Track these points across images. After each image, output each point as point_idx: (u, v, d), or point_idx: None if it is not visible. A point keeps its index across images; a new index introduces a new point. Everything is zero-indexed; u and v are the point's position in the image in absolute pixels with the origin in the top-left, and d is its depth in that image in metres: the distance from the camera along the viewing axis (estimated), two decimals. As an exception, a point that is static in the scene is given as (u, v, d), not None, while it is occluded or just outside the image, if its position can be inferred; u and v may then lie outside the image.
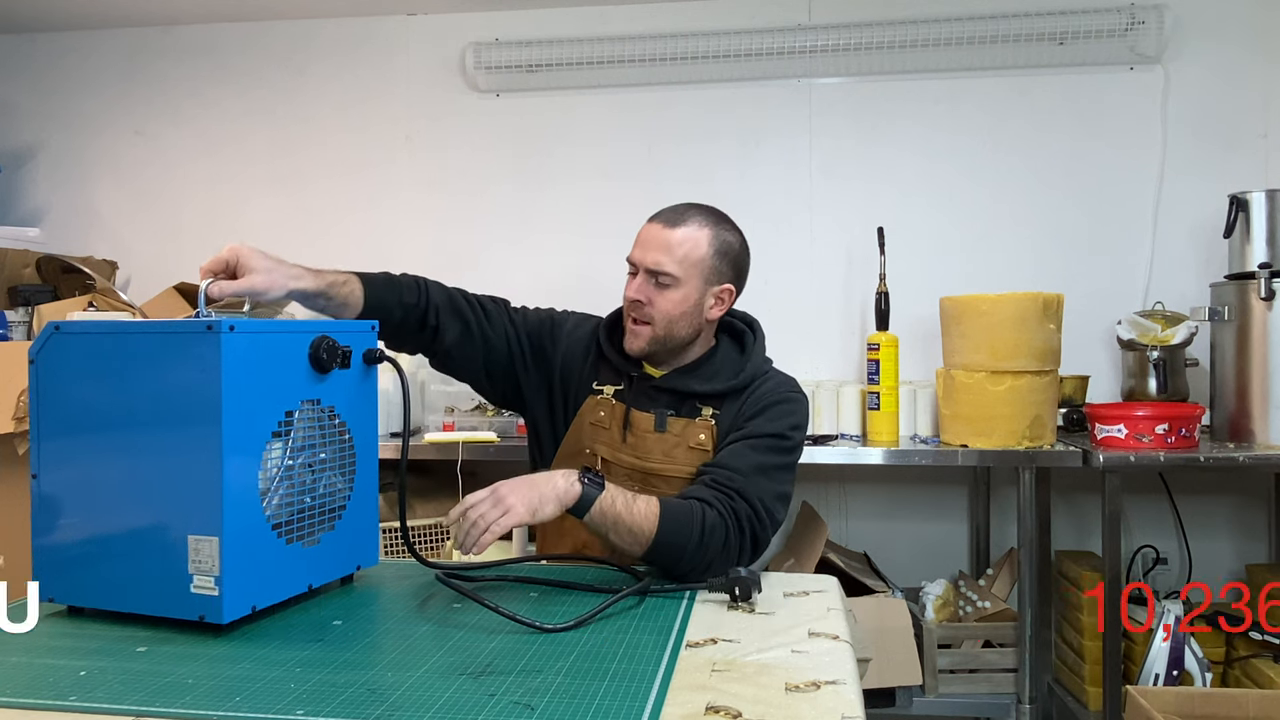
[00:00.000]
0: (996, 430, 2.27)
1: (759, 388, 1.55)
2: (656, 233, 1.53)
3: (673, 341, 1.56)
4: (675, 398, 1.57)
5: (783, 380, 1.59)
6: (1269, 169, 2.68)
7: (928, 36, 2.72)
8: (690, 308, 1.53)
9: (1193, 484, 2.70)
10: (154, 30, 3.16)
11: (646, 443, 1.54)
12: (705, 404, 1.55)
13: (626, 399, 1.58)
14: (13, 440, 2.33)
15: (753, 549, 1.42)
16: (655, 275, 1.52)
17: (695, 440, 1.53)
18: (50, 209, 3.22)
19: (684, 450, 1.53)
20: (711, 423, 1.54)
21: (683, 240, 1.52)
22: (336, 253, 3.06)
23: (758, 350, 1.62)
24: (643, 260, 1.53)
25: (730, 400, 1.55)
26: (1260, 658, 2.25)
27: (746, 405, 1.53)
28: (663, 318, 1.53)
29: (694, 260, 1.52)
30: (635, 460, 1.54)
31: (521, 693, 0.94)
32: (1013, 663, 2.38)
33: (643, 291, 1.53)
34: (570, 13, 2.94)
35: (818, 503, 2.77)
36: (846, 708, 0.94)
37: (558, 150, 2.98)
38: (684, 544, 1.33)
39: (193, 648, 1.07)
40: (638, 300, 1.54)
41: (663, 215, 1.56)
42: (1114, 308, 2.67)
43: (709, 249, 1.53)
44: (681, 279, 1.52)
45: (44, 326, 1.18)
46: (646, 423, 1.55)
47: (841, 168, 2.87)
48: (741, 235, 1.61)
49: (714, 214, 1.58)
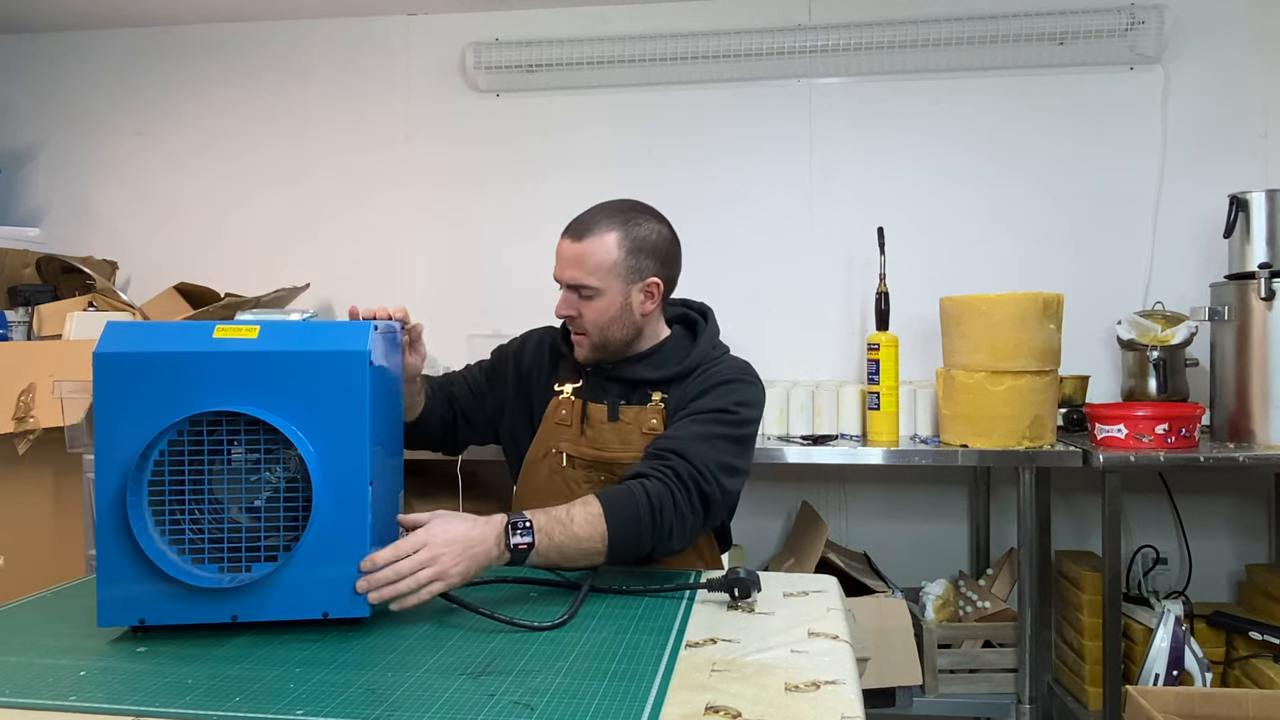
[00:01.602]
0: (996, 430, 2.27)
1: (707, 370, 1.57)
2: (567, 247, 1.55)
3: (611, 345, 1.58)
4: (627, 386, 1.60)
5: (735, 364, 1.60)
6: (1269, 169, 2.68)
7: (928, 36, 2.72)
8: (617, 311, 1.55)
9: (1193, 484, 2.70)
10: (155, 30, 3.16)
11: (603, 434, 1.58)
12: (655, 389, 1.58)
13: (585, 394, 1.62)
14: (13, 440, 2.33)
15: (704, 507, 1.40)
16: (576, 289, 1.54)
17: (648, 425, 1.56)
18: (50, 209, 3.22)
19: (638, 436, 1.55)
20: (661, 406, 1.56)
21: (591, 250, 1.52)
22: (337, 253, 3.08)
23: (707, 336, 1.64)
24: (561, 277, 1.56)
25: (677, 384, 1.58)
26: (1260, 658, 2.25)
27: (692, 386, 1.55)
28: (594, 326, 1.56)
29: (607, 266, 1.53)
30: (594, 452, 1.58)
31: (521, 693, 0.94)
32: (1013, 663, 2.38)
33: (569, 306, 1.56)
34: (570, 13, 2.94)
35: (818, 503, 2.77)
36: (846, 708, 0.94)
37: (558, 150, 2.98)
38: (638, 529, 1.33)
39: (193, 648, 1.07)
40: (568, 315, 1.58)
41: (570, 228, 1.56)
42: (1114, 308, 2.66)
43: (620, 251, 1.53)
44: (600, 287, 1.53)
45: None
46: (601, 413, 1.59)
47: (841, 168, 2.87)
48: (660, 223, 1.59)
49: (622, 212, 1.57)
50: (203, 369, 1.09)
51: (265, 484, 1.13)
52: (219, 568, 1.10)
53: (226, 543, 1.10)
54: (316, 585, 1.12)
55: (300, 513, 1.11)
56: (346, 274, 3.06)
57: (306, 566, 1.11)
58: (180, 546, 1.08)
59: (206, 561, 1.09)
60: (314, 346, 1.13)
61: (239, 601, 1.11)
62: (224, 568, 1.10)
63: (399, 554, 1.15)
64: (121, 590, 1.08)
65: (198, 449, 1.09)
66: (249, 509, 1.12)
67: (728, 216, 2.88)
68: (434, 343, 2.97)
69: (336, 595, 1.13)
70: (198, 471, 1.09)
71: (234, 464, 1.11)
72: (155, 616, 1.09)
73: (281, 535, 1.12)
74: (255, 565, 1.10)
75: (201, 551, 1.09)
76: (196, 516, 1.10)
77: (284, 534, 1.12)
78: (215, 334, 1.11)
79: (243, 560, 1.10)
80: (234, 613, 1.11)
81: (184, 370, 1.08)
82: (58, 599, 1.28)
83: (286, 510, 1.11)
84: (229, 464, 1.11)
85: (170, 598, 1.09)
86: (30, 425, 2.32)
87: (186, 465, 1.09)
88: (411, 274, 3.05)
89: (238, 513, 1.12)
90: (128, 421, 1.07)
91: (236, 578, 1.09)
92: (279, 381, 1.10)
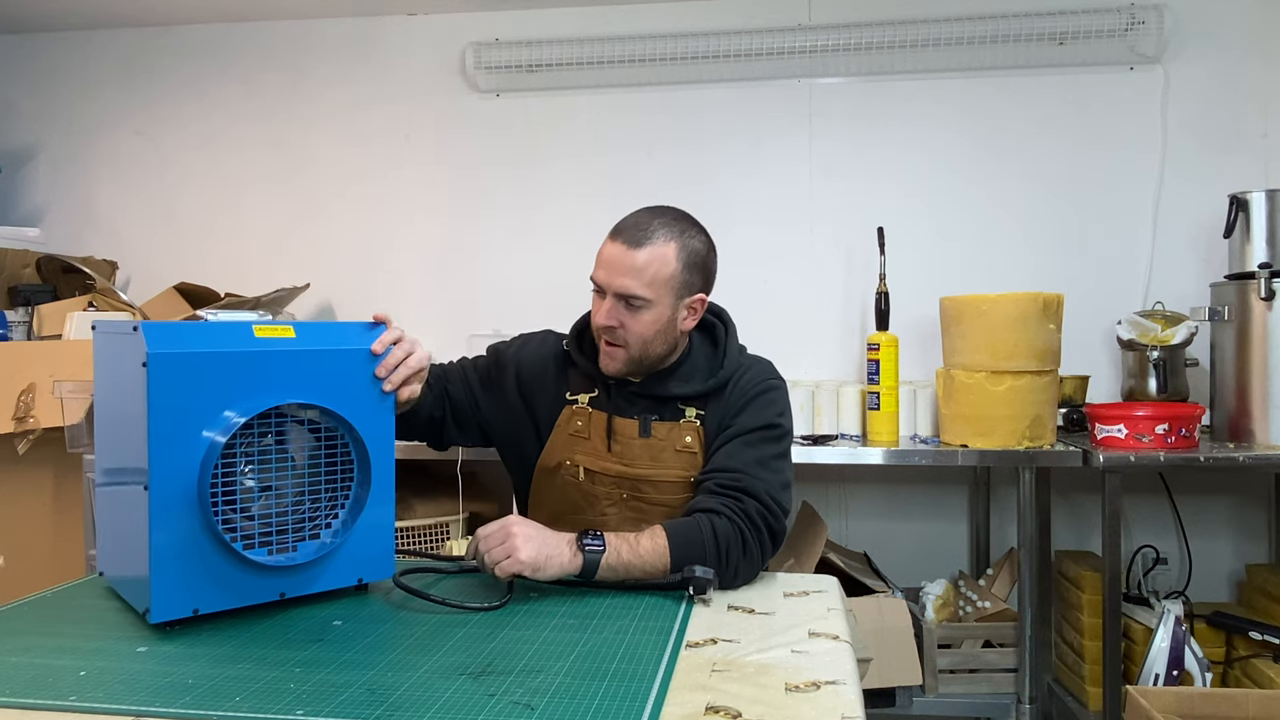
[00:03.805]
0: (996, 430, 2.27)
1: (739, 381, 1.54)
2: (621, 254, 1.45)
3: (650, 359, 1.51)
4: (656, 402, 1.54)
5: (760, 368, 1.57)
6: (1269, 169, 2.68)
7: (927, 36, 2.72)
8: (664, 325, 1.48)
9: (1193, 484, 2.70)
10: (154, 30, 3.16)
11: (633, 449, 1.52)
12: (687, 405, 1.54)
13: (606, 407, 1.55)
14: (13, 440, 2.33)
15: (773, 543, 1.41)
16: (625, 299, 1.46)
17: (682, 443, 1.52)
18: (50, 209, 3.22)
19: (671, 454, 1.52)
20: (696, 424, 1.52)
21: (650, 260, 1.44)
22: (337, 253, 3.08)
23: (731, 343, 1.59)
24: (609, 284, 1.46)
25: (713, 399, 1.53)
26: (1260, 658, 2.25)
27: (730, 401, 1.52)
28: (637, 340, 1.48)
29: (664, 279, 1.45)
30: (622, 468, 1.52)
31: (521, 693, 0.94)
32: (1013, 663, 2.38)
33: (614, 316, 1.47)
34: (570, 13, 2.94)
35: (818, 503, 2.77)
36: (846, 708, 0.94)
37: (558, 150, 2.98)
38: (703, 562, 1.32)
39: (193, 648, 1.07)
40: (610, 325, 1.48)
41: (625, 233, 1.47)
42: (1114, 308, 2.67)
43: (678, 264, 1.46)
44: (653, 300, 1.45)
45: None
46: (631, 429, 1.53)
47: (841, 168, 2.87)
48: (706, 235, 1.54)
49: (677, 222, 1.50)
50: (250, 366, 1.15)
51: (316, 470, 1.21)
52: (268, 550, 1.17)
53: (275, 527, 1.17)
54: (352, 556, 1.25)
55: (340, 491, 1.23)
56: (346, 274, 3.06)
57: (345, 540, 1.23)
58: (233, 534, 1.13)
59: (257, 546, 1.16)
60: (348, 345, 1.24)
61: (286, 580, 1.20)
62: (272, 550, 1.17)
63: (487, 534, 1.28)
64: (176, 583, 1.11)
65: (248, 440, 1.15)
66: (295, 493, 1.20)
67: (728, 216, 2.88)
68: (434, 343, 2.98)
69: (368, 562, 1.27)
70: (250, 461, 1.16)
71: (283, 452, 1.19)
72: (208, 604, 1.14)
73: (324, 514, 1.22)
74: (301, 545, 1.19)
75: (253, 537, 1.16)
76: (247, 504, 1.16)
77: (325, 513, 1.22)
78: (256, 333, 1.18)
79: (290, 541, 1.19)
80: (282, 590, 1.20)
81: (233, 368, 1.14)
82: (58, 599, 1.28)
83: (327, 489, 1.22)
84: (277, 454, 1.18)
85: (220, 585, 1.14)
86: (30, 425, 2.32)
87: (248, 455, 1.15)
88: (411, 274, 3.05)
89: (286, 497, 1.19)
90: (183, 419, 1.10)
91: (291, 557, 1.18)
92: (316, 376, 1.20)
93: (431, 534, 2.53)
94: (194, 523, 1.11)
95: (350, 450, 1.22)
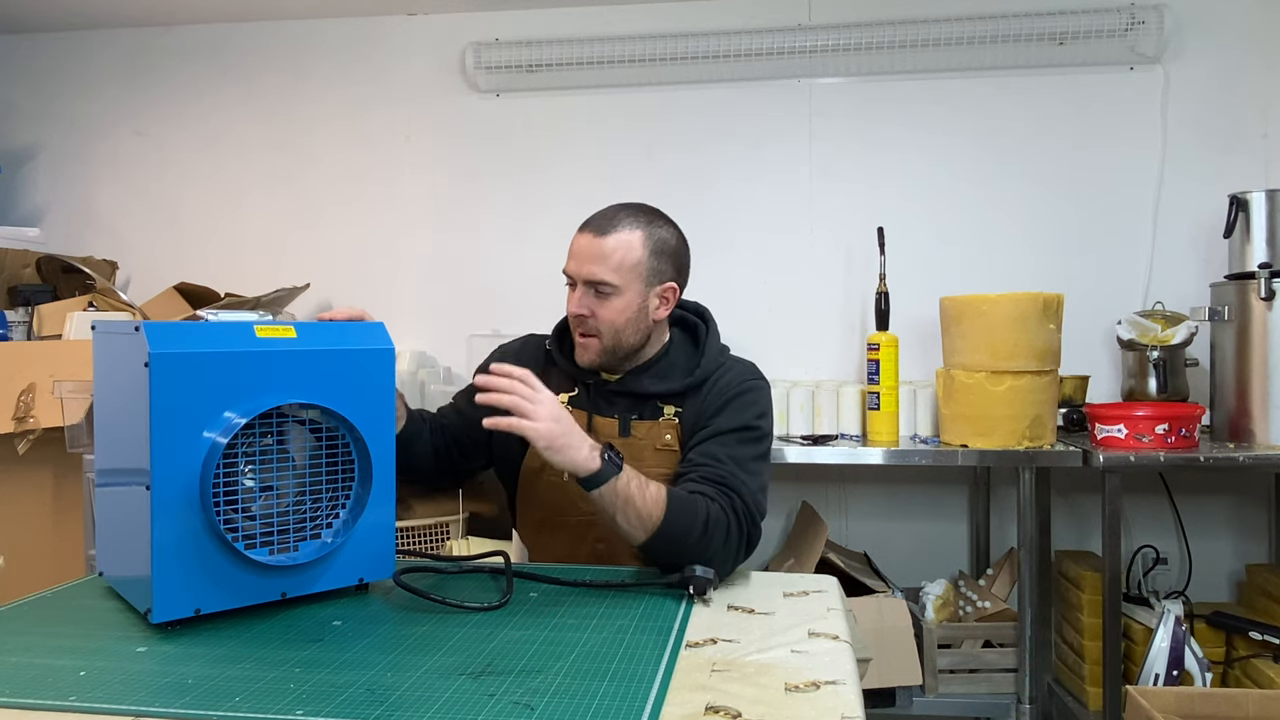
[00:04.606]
0: (996, 430, 2.27)
1: (718, 380, 1.54)
2: (588, 243, 1.49)
3: (622, 349, 1.53)
4: (634, 400, 1.55)
5: (741, 369, 1.57)
6: (1269, 169, 2.68)
7: (927, 36, 2.72)
8: (634, 313, 1.50)
9: (1193, 484, 2.70)
10: (155, 30, 3.16)
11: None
12: (666, 403, 1.54)
13: (585, 406, 1.56)
14: (13, 440, 2.33)
15: (748, 547, 1.41)
16: (594, 286, 1.49)
17: (661, 441, 1.52)
18: (50, 209, 3.22)
19: (651, 452, 1.52)
20: (675, 421, 1.53)
21: (616, 246, 1.48)
22: (337, 253, 3.08)
23: (711, 342, 1.60)
24: (578, 273, 1.50)
25: (690, 397, 1.54)
26: (1260, 658, 2.25)
27: (708, 400, 1.52)
28: (608, 328, 1.50)
29: (630, 265, 1.48)
30: None
31: (521, 693, 0.94)
32: (1013, 663, 2.38)
33: (584, 304, 1.50)
34: (570, 13, 2.94)
35: (818, 503, 2.77)
36: (846, 708, 0.94)
37: (557, 150, 2.98)
38: (687, 535, 1.32)
39: (193, 648, 1.07)
40: (580, 314, 1.51)
41: (592, 223, 1.51)
42: (1114, 308, 2.67)
43: (644, 250, 1.49)
44: (621, 286, 1.48)
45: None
46: (610, 428, 1.54)
47: (841, 168, 2.87)
48: (677, 229, 1.57)
49: (644, 213, 1.54)
50: (251, 367, 1.15)
51: (317, 470, 1.22)
52: (269, 550, 1.17)
53: (276, 526, 1.17)
54: (353, 556, 1.25)
55: (340, 491, 1.23)
56: (346, 274, 3.06)
57: (346, 540, 1.23)
58: (234, 534, 1.13)
59: (258, 545, 1.16)
60: (348, 345, 1.25)
61: (287, 580, 1.20)
62: (274, 550, 1.17)
63: (524, 379, 1.29)
64: (178, 583, 1.11)
65: (249, 440, 1.15)
66: (295, 493, 1.20)
67: (728, 216, 2.88)
68: (434, 343, 2.99)
69: (369, 562, 1.27)
70: (251, 461, 1.16)
71: (284, 452, 1.19)
72: (210, 604, 1.14)
73: (324, 514, 1.22)
74: (302, 545, 1.19)
75: (254, 536, 1.16)
76: (248, 504, 1.16)
77: (326, 513, 1.22)
78: (257, 333, 1.18)
79: (291, 540, 1.18)
80: (283, 590, 1.20)
81: (234, 368, 1.14)
82: (58, 599, 1.28)
83: (328, 489, 1.22)
84: (278, 453, 1.18)
85: (222, 585, 1.14)
86: (30, 425, 2.32)
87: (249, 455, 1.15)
88: (411, 274, 3.05)
89: (287, 497, 1.19)
90: (185, 418, 1.10)
91: (293, 557, 1.18)
92: (318, 376, 1.20)
93: (431, 534, 2.53)
94: (195, 523, 1.11)
95: (351, 450, 1.22)
